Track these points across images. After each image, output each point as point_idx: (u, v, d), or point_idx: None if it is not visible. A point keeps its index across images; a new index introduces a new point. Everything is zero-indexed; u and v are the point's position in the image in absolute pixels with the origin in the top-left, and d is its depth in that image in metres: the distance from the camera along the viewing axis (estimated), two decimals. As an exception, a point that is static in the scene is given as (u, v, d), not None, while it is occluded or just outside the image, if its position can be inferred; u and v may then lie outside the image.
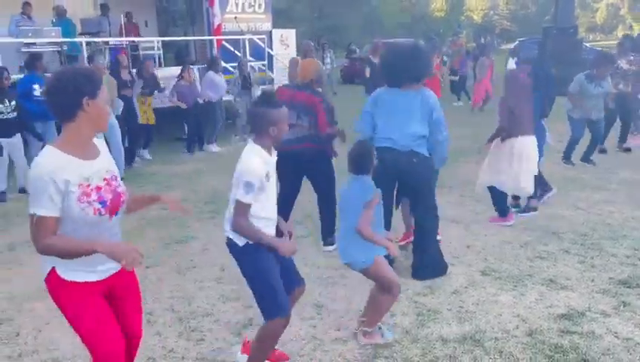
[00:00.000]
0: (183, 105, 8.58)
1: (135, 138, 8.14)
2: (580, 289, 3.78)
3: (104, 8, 10.75)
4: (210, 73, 9.06)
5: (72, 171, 2.01)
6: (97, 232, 2.10)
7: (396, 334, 3.26)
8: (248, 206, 2.52)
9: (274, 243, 2.60)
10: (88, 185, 2.05)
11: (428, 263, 4.04)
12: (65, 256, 2.03)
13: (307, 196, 4.90)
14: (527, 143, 4.89)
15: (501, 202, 5.14)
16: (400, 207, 4.62)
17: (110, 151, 5.47)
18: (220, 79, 9.19)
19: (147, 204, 2.54)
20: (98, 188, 2.08)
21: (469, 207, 5.65)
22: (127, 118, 7.85)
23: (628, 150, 8.05)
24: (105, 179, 2.13)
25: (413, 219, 4.43)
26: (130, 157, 8.04)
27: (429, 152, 3.98)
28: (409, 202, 4.45)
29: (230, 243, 2.67)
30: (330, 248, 4.49)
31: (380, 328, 3.21)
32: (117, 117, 7.53)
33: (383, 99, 4.02)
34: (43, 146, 2.16)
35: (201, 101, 8.91)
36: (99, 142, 2.21)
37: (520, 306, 3.56)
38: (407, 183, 4.07)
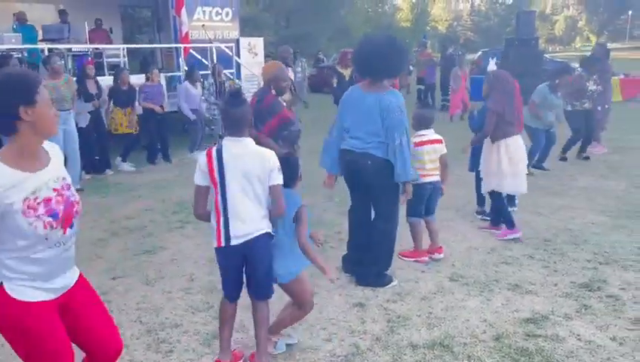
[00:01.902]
0: (158, 108, 8.38)
1: (105, 148, 7.94)
2: (544, 293, 3.88)
3: (63, 14, 10.50)
4: (186, 84, 8.91)
5: (16, 187, 1.88)
6: (49, 248, 1.99)
7: (366, 341, 3.28)
8: None
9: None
10: (35, 198, 1.92)
11: (372, 273, 4.03)
12: None
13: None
14: (518, 144, 4.91)
15: (506, 213, 5.02)
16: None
17: (66, 158, 5.30)
18: (197, 91, 9.01)
19: None
20: (47, 201, 1.95)
21: (438, 215, 5.68)
22: (96, 129, 7.67)
23: (587, 158, 8.33)
24: (55, 190, 1.99)
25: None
26: (102, 166, 7.89)
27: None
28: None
29: (264, 237, 2.79)
30: None
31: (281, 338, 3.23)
32: (84, 128, 7.37)
33: (349, 100, 3.98)
34: None
35: (166, 109, 8.77)
36: (51, 147, 2.08)
37: (487, 311, 3.63)
38: (364, 186, 3.98)
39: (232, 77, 11.60)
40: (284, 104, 4.70)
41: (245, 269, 2.88)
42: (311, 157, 4.16)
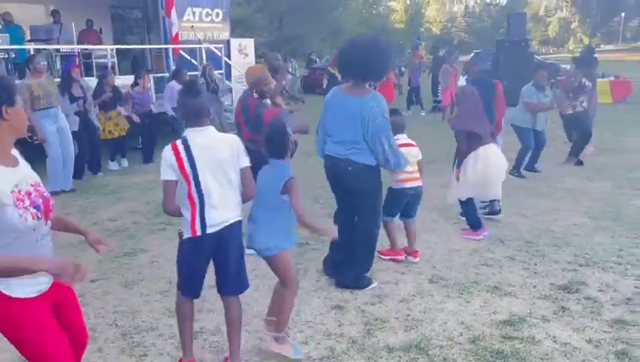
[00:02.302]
0: (136, 119, 8.38)
1: (96, 150, 7.89)
2: (523, 295, 3.88)
3: (56, 15, 10.46)
4: (173, 83, 8.88)
5: (3, 180, 1.96)
6: (36, 241, 2.05)
7: (342, 344, 3.26)
8: None
9: None
10: (20, 191, 2.00)
11: (352, 275, 4.03)
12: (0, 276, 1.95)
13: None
14: (490, 151, 4.94)
15: (473, 216, 5.10)
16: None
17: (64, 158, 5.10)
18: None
19: (71, 232, 2.45)
20: (28, 194, 2.04)
21: (421, 216, 5.68)
22: (87, 133, 7.60)
23: (580, 163, 8.27)
24: (32, 185, 2.09)
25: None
26: (94, 168, 7.85)
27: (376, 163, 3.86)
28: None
29: (238, 224, 2.84)
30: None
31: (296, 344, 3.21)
32: (76, 132, 7.33)
33: (331, 104, 3.97)
34: None
35: (155, 110, 8.75)
36: (15, 152, 2.17)
37: (465, 313, 3.63)
38: (346, 191, 3.98)
39: (221, 77, 11.59)
40: (268, 103, 4.74)
41: (215, 262, 2.86)
42: (301, 158, 4.11)
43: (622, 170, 7.75)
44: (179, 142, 2.72)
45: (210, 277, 2.95)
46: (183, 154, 2.69)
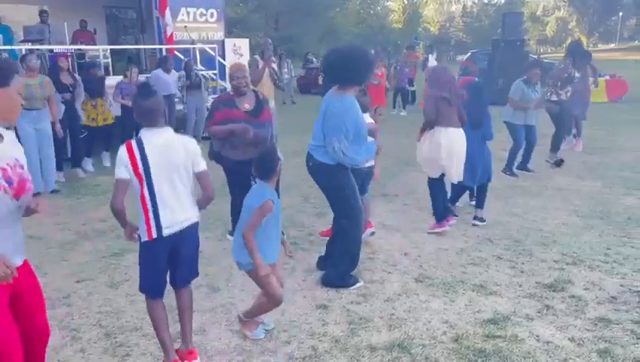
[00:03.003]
0: (129, 103, 8.35)
1: (78, 144, 7.86)
2: (508, 294, 3.88)
3: (43, 15, 10.44)
4: (158, 71, 8.98)
5: None
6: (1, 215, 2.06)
7: (325, 343, 3.26)
8: None
9: None
10: None
11: (335, 273, 4.05)
12: None
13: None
14: (455, 136, 4.93)
15: (438, 207, 5.15)
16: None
17: (41, 160, 5.29)
18: (168, 77, 9.17)
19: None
20: (3, 170, 2.07)
21: (411, 216, 5.73)
22: (70, 123, 7.60)
23: (561, 161, 8.24)
24: (8, 164, 2.10)
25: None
26: (74, 163, 7.81)
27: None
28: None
29: (195, 226, 2.93)
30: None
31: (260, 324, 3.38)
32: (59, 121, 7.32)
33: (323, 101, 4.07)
34: None
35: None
36: (5, 131, 2.15)
37: (449, 312, 3.63)
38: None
39: (215, 78, 11.59)
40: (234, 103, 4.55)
41: (170, 260, 2.88)
42: (291, 157, 4.06)
43: (613, 168, 7.75)
44: (134, 142, 2.71)
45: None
46: (137, 155, 2.67)
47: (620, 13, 66.00)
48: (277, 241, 3.22)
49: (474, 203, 5.69)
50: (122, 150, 2.71)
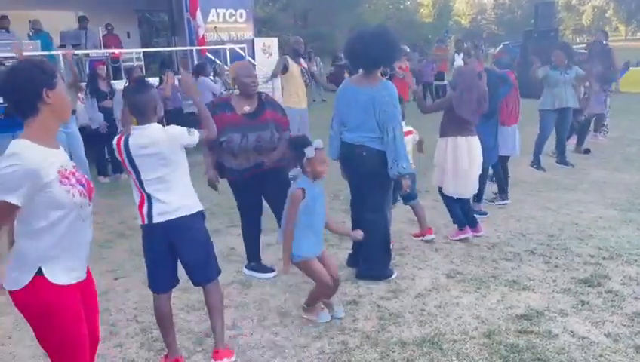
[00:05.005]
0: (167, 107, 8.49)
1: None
2: (542, 289, 3.82)
3: (82, 20, 10.74)
4: (202, 78, 9.06)
5: (50, 160, 2.00)
6: (82, 220, 2.10)
7: (356, 339, 3.28)
8: None
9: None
10: (66, 170, 2.06)
11: (369, 267, 4.08)
12: None
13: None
14: (470, 145, 4.69)
15: (456, 213, 4.91)
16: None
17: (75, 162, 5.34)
18: (213, 84, 9.22)
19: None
20: (72, 173, 2.10)
21: (442, 212, 5.65)
22: (108, 130, 7.81)
23: (587, 151, 8.19)
24: (73, 167, 2.15)
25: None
26: (115, 169, 8.03)
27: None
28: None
29: (191, 218, 2.83)
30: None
31: (323, 309, 3.54)
32: (97, 129, 7.55)
33: (344, 96, 4.04)
34: None
35: (185, 110, 8.89)
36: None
37: (481, 308, 3.60)
38: (358, 176, 4.05)
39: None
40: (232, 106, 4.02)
41: (172, 253, 2.87)
42: None
43: (653, 160, 7.52)
44: (122, 141, 2.73)
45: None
46: (123, 154, 2.72)
47: (661, 0, 63.61)
48: (315, 234, 3.32)
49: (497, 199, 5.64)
50: (113, 144, 2.77)
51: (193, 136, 2.80)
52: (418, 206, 4.87)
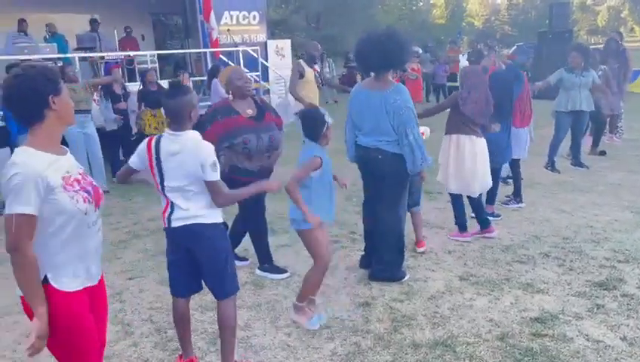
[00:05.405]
0: None
1: (131, 150, 8.13)
2: (556, 292, 3.79)
3: (93, 23, 10.87)
4: (216, 82, 9.06)
5: (54, 167, 2.01)
6: (87, 226, 2.11)
7: (368, 340, 3.28)
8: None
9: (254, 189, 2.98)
10: (70, 177, 2.06)
11: (383, 268, 4.07)
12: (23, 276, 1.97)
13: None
14: (473, 145, 4.68)
15: (460, 216, 4.93)
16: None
17: (90, 163, 5.51)
18: (222, 89, 9.20)
19: None
20: (77, 180, 2.10)
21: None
22: (122, 131, 7.91)
23: (603, 153, 8.11)
24: (80, 173, 2.14)
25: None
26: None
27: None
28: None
29: (208, 227, 2.76)
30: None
31: (314, 315, 3.49)
32: (113, 131, 7.66)
33: (356, 101, 4.05)
34: None
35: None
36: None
37: (494, 310, 3.58)
38: (374, 178, 4.05)
39: (258, 79, 11.75)
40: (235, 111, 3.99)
41: (191, 263, 2.83)
42: (333, 156, 4.00)
43: (670, 162, 7.42)
44: (153, 143, 2.72)
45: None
46: (153, 157, 2.71)
47: (678, 0, 62.74)
48: (328, 204, 3.37)
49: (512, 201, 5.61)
50: (143, 145, 2.75)
51: (215, 174, 2.65)
52: (418, 215, 4.76)
